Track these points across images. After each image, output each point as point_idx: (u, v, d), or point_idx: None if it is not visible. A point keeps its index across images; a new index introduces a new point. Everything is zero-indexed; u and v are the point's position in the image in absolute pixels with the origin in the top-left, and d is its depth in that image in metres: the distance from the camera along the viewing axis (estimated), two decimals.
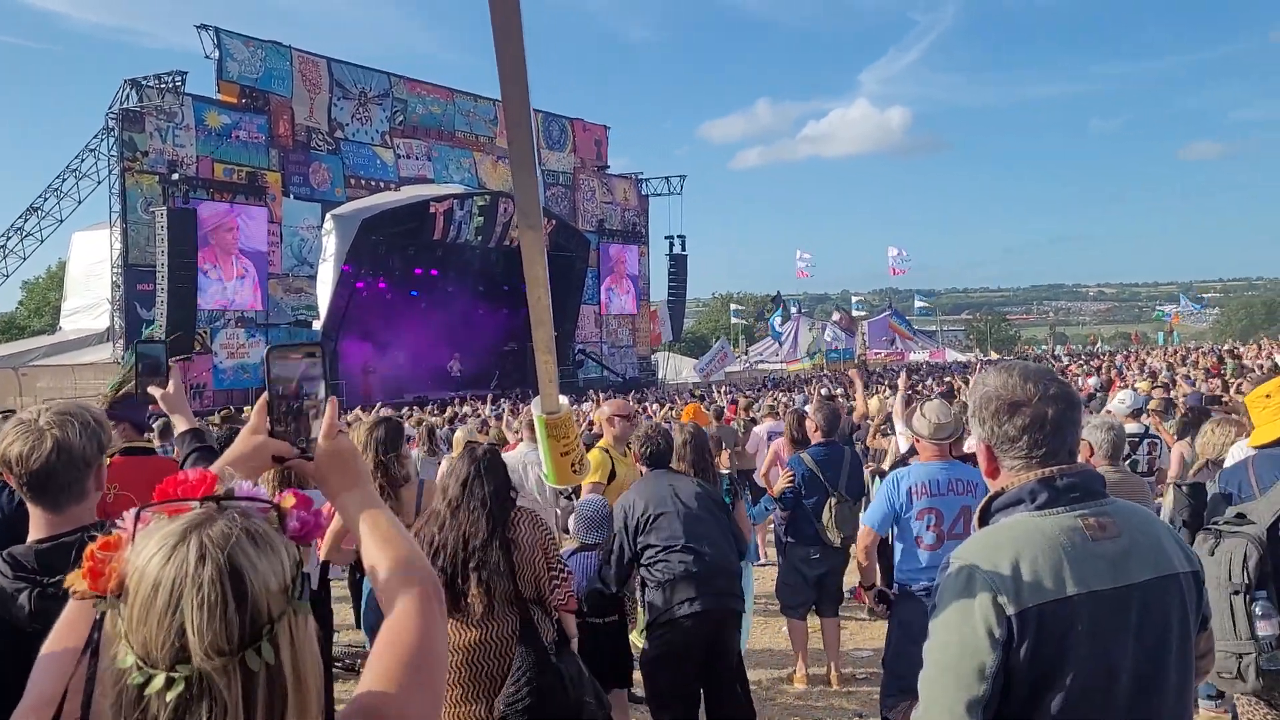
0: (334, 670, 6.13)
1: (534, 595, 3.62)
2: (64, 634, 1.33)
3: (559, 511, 6.76)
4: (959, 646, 1.77)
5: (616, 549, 4.54)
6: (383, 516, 1.43)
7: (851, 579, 6.84)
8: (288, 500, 1.17)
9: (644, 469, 4.83)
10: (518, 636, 3.51)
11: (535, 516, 3.84)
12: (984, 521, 1.95)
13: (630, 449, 5.69)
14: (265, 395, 1.53)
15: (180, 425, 3.07)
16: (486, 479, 3.62)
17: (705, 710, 4.63)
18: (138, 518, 1.10)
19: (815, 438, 6.54)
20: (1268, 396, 3.78)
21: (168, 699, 1.00)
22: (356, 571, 6.35)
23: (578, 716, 3.51)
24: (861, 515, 5.51)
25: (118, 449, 3.78)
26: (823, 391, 15.64)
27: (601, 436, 9.62)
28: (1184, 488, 3.87)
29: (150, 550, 1.05)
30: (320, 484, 1.49)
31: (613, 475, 5.64)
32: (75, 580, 1.07)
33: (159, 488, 1.14)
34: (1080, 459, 2.00)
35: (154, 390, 2.95)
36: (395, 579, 1.33)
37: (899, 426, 7.42)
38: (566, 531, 5.78)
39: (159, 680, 1.00)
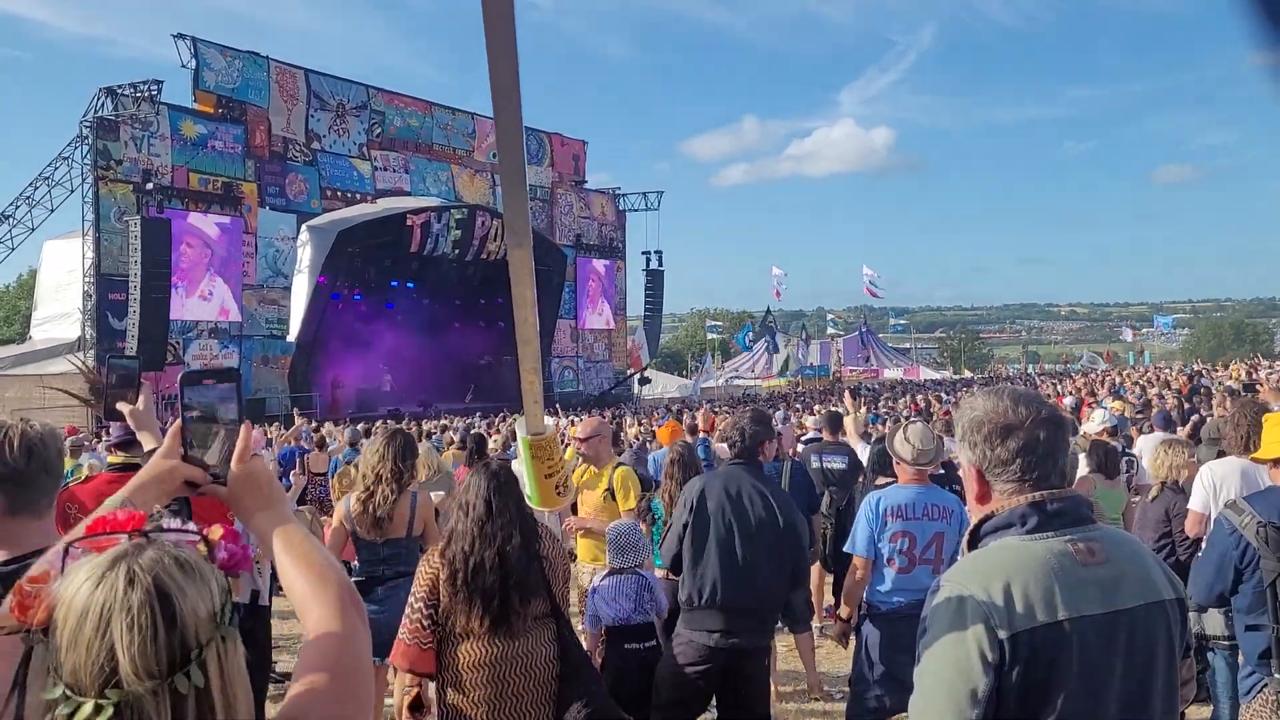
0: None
1: (562, 609, 3.62)
2: None
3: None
4: (952, 671, 1.76)
5: (678, 529, 4.47)
6: (296, 531, 1.45)
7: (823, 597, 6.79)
8: (215, 532, 1.18)
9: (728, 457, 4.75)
10: (556, 651, 3.50)
11: (550, 531, 3.87)
12: (973, 545, 1.94)
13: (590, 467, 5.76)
14: (179, 421, 1.52)
15: (147, 443, 2.98)
16: (508, 494, 3.56)
17: None
18: (66, 552, 1.11)
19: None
20: None
21: None
22: None
23: None
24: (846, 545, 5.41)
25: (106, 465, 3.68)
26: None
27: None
28: None
29: (80, 579, 1.05)
30: (234, 507, 1.51)
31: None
32: (3, 615, 1.07)
33: (88, 526, 1.15)
34: None
35: (123, 406, 2.88)
36: (312, 589, 1.35)
37: (857, 446, 7.49)
38: None
39: (88, 707, 1.00)
